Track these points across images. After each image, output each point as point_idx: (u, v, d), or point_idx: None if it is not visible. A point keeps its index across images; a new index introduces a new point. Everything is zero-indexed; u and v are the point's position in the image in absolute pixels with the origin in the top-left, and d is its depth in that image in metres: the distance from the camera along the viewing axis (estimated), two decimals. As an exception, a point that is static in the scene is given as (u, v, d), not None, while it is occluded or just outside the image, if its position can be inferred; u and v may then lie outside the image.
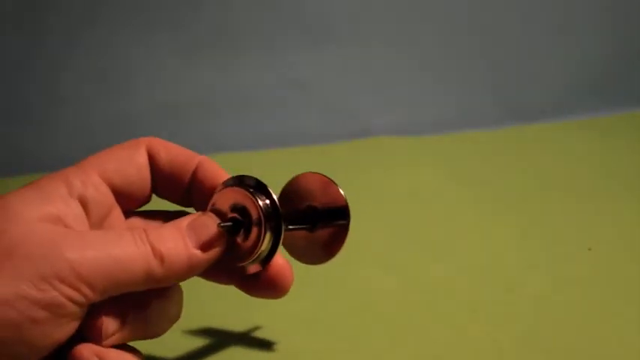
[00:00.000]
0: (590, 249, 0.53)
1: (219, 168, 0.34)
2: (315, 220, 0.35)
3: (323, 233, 0.35)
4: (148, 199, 0.35)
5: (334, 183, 0.34)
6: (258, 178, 0.32)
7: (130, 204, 0.34)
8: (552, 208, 0.61)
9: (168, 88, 0.75)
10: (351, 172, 0.67)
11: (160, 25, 0.72)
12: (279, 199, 0.34)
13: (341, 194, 0.34)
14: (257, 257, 0.32)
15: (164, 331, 0.32)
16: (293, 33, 0.77)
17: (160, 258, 0.29)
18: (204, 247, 0.30)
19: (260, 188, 0.31)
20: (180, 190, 0.34)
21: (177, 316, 0.33)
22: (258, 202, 0.31)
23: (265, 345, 0.41)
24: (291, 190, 0.35)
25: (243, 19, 0.75)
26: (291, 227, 0.34)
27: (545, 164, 0.72)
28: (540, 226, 0.58)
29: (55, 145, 0.72)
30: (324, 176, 0.34)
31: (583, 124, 0.84)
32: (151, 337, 0.32)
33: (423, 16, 0.81)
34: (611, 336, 0.42)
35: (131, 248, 0.28)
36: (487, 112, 0.86)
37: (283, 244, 0.36)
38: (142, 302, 0.31)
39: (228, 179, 0.33)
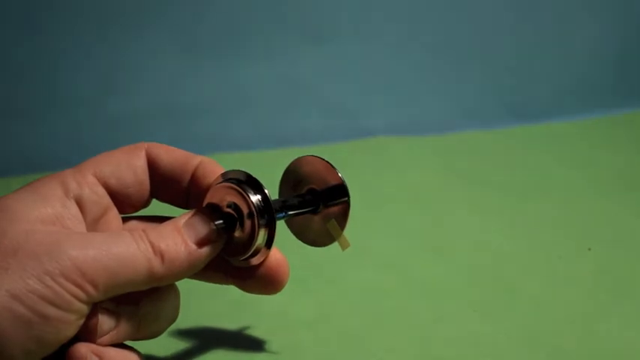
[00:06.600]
0: (590, 249, 0.53)
1: (217, 166, 0.34)
2: (317, 203, 0.36)
3: (326, 214, 0.35)
4: (146, 203, 0.35)
5: (330, 164, 0.35)
6: (258, 177, 0.32)
7: (128, 207, 0.34)
8: (552, 208, 0.61)
9: (168, 88, 0.75)
10: (351, 172, 0.67)
11: (161, 25, 0.72)
12: (280, 186, 0.36)
13: (337, 174, 0.35)
14: (254, 251, 0.32)
15: (160, 331, 0.33)
16: (293, 33, 0.77)
17: (160, 255, 0.29)
18: (203, 242, 0.31)
19: (251, 183, 0.32)
20: (181, 192, 0.34)
21: (173, 317, 0.33)
22: (249, 197, 0.31)
23: (264, 345, 0.41)
24: (291, 176, 0.36)
25: (243, 19, 0.75)
26: (292, 213, 0.35)
27: (545, 164, 0.72)
28: (540, 226, 0.58)
29: (55, 145, 0.71)
30: (320, 158, 0.35)
31: (584, 124, 0.84)
32: (148, 338, 0.32)
33: (423, 16, 0.81)
34: (611, 336, 0.42)
35: (132, 247, 0.29)
36: (487, 112, 0.86)
37: (291, 230, 0.37)
38: (137, 302, 0.31)
39: (223, 174, 0.33)
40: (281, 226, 0.34)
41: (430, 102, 0.85)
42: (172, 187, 0.34)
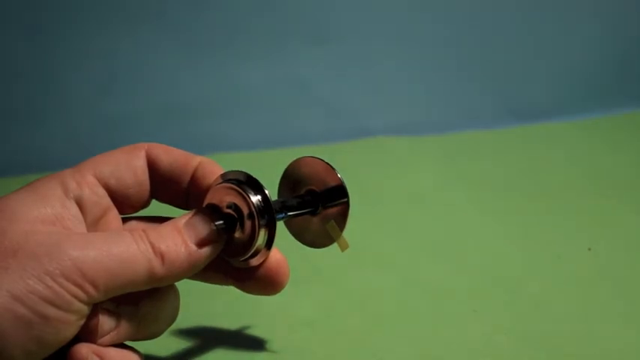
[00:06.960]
0: (590, 249, 0.53)
1: (217, 167, 0.34)
2: (316, 204, 0.36)
3: (326, 215, 0.35)
4: (146, 204, 0.35)
5: (329, 165, 0.35)
6: (258, 177, 0.32)
7: (128, 207, 0.34)
8: (552, 208, 0.61)
9: (168, 88, 0.75)
10: (351, 172, 0.67)
11: (160, 25, 0.72)
12: (279, 187, 0.36)
13: (336, 174, 0.35)
14: (254, 251, 0.32)
15: (161, 331, 0.33)
16: (293, 33, 0.77)
17: (161, 256, 0.29)
18: (203, 243, 0.31)
19: (251, 184, 0.32)
20: (181, 192, 0.34)
21: (173, 318, 0.33)
22: (249, 198, 0.31)
23: (264, 345, 0.41)
24: (290, 177, 0.36)
25: (243, 19, 0.75)
26: (292, 214, 0.35)
27: (545, 164, 0.72)
28: (540, 226, 0.57)
29: (54, 145, 0.72)
30: (319, 159, 0.35)
31: (584, 125, 0.84)
32: (148, 338, 0.32)
33: (423, 16, 0.81)
34: (611, 336, 0.42)
35: (132, 247, 0.29)
36: (487, 112, 0.86)
37: (290, 231, 0.37)
38: (137, 302, 0.31)
39: (222, 175, 0.33)
40: (280, 226, 0.34)
41: (430, 102, 0.85)
42: (172, 188, 0.34)
